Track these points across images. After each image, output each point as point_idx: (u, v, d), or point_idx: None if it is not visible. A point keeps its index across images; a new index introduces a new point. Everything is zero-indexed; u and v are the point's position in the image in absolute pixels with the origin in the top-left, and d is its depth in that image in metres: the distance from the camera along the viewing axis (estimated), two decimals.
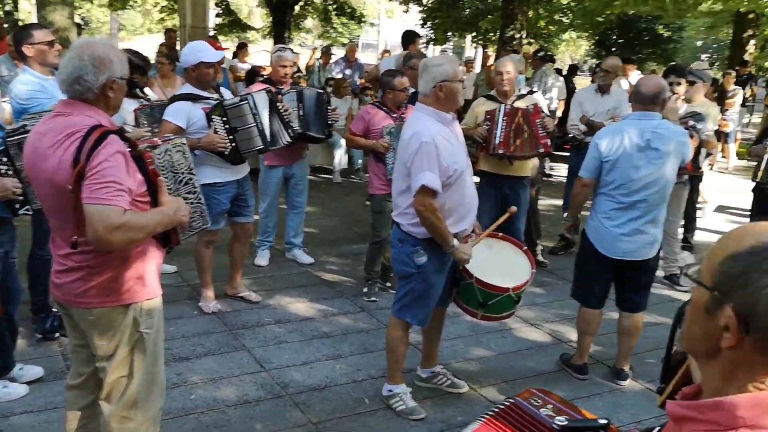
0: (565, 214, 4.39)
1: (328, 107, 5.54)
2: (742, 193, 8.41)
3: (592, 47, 26.58)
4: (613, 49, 21.90)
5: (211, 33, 16.84)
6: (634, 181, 3.89)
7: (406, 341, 3.77)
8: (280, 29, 16.44)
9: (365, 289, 5.39)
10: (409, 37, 7.84)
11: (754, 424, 1.03)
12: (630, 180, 3.90)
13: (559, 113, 9.75)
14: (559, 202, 8.14)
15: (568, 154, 7.13)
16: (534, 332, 4.95)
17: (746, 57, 16.12)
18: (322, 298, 5.34)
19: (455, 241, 3.45)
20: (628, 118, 4.00)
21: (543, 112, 5.39)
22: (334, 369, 4.20)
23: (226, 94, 4.87)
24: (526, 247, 4.00)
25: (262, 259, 5.99)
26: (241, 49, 12.38)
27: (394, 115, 5.20)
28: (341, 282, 5.73)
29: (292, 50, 5.86)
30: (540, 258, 6.31)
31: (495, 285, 3.63)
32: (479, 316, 3.79)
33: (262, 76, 6.65)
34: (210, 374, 4.04)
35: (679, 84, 6.11)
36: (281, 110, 5.02)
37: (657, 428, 1.27)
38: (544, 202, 8.14)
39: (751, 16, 15.64)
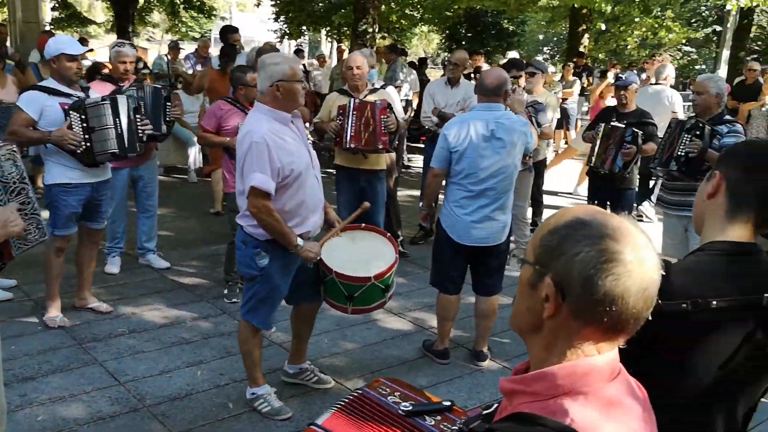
0: (421, 204, 4.49)
1: (168, 103, 5.32)
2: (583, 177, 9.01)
3: (443, 41, 27.46)
4: (463, 43, 22.73)
5: (47, 28, 15.75)
6: (482, 170, 4.04)
7: (259, 343, 3.71)
8: (124, 23, 15.64)
9: (226, 291, 5.26)
10: (223, 34, 7.74)
11: (571, 390, 1.11)
12: (478, 169, 4.05)
13: (415, 105, 9.99)
14: (417, 192, 8.33)
15: (423, 145, 7.32)
16: (397, 321, 5.05)
17: (582, 49, 17.27)
18: (181, 303, 5.15)
19: (299, 240, 3.39)
20: (474, 110, 4.16)
21: (392, 108, 5.44)
22: (195, 376, 4.06)
23: (93, 94, 4.63)
24: (389, 235, 3.98)
25: (113, 266, 5.68)
26: (81, 44, 11.64)
27: (248, 112, 5.09)
28: (200, 285, 5.56)
29: (133, 45, 5.60)
30: (401, 248, 6.44)
31: (355, 276, 3.59)
32: (349, 310, 3.73)
33: (102, 73, 6.28)
34: (58, 393, 3.77)
35: (519, 77, 6.45)
36: (139, 121, 4.79)
37: (495, 405, 1.32)
38: (403, 193, 8.31)
39: (584, 11, 16.77)
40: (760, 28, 25.43)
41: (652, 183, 8.11)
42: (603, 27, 19.82)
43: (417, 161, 11.07)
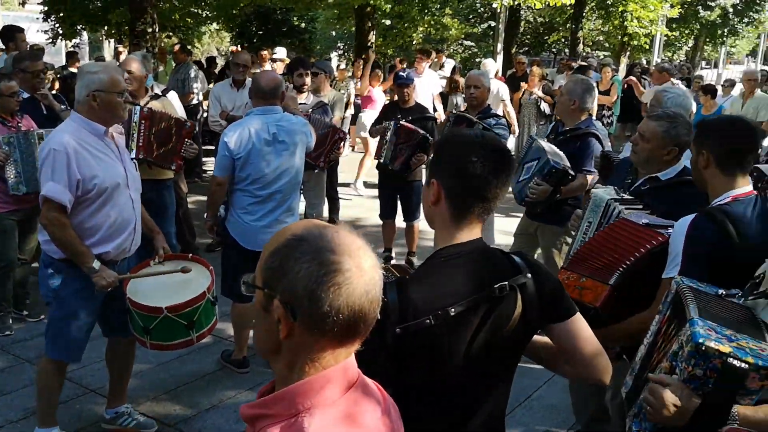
0: (206, 215, 4.34)
1: None
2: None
3: (234, 39, 26.92)
4: (254, 41, 22.44)
5: None
6: (267, 175, 4.02)
7: (60, 379, 3.40)
8: None
9: None
10: (7, 35, 7.08)
11: (311, 406, 1.13)
12: (263, 174, 4.01)
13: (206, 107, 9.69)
14: None
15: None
16: None
17: (370, 45, 17.77)
18: None
19: (96, 263, 3.15)
20: (252, 114, 4.09)
21: (195, 135, 5.18)
22: None
23: None
24: (212, 268, 3.61)
25: None
26: None
27: (9, 124, 4.63)
28: None
29: None
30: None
31: (145, 305, 3.23)
32: (148, 344, 3.36)
33: None
34: None
35: (307, 75, 6.47)
36: None
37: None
38: (196, 199, 8.04)
39: (368, 9, 17.25)
40: (528, 23, 27.79)
41: None
42: (389, 23, 20.55)
43: (211, 165, 10.74)
